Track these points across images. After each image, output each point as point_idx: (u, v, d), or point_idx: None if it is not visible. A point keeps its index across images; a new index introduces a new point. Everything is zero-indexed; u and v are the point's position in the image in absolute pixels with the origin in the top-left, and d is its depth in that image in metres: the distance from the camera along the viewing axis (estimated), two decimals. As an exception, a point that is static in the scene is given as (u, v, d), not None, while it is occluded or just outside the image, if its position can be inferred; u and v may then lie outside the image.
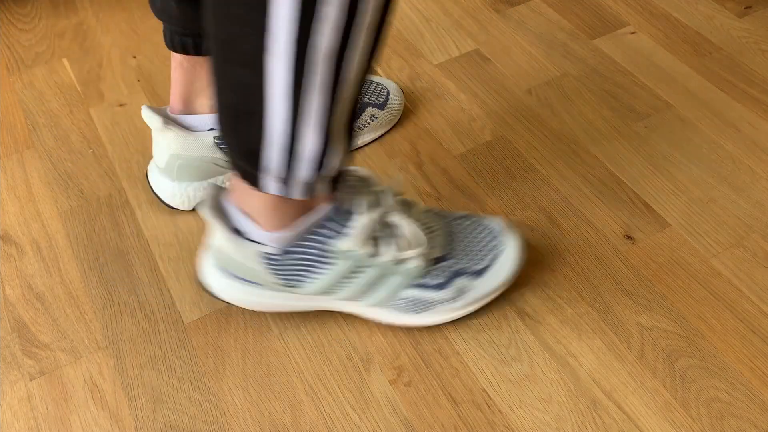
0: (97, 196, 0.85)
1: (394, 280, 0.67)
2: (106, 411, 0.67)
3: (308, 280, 0.66)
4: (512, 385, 0.67)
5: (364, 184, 0.66)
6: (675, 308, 0.71)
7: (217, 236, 0.65)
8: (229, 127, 0.59)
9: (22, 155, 0.90)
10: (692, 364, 0.67)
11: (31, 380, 0.69)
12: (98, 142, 0.91)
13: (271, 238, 0.64)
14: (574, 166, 0.85)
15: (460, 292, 0.68)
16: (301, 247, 0.64)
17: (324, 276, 0.66)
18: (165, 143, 0.77)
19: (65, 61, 1.02)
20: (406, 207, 0.69)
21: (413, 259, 0.66)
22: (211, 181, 0.80)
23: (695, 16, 1.02)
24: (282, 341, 0.71)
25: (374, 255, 0.65)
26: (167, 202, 0.81)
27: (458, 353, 0.69)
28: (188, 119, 0.77)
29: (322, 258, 0.65)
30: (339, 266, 0.65)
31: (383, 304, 0.68)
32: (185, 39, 0.73)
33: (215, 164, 0.79)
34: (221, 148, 0.77)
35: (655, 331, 0.69)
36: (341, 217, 0.64)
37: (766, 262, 0.74)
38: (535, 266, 0.75)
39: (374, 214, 0.64)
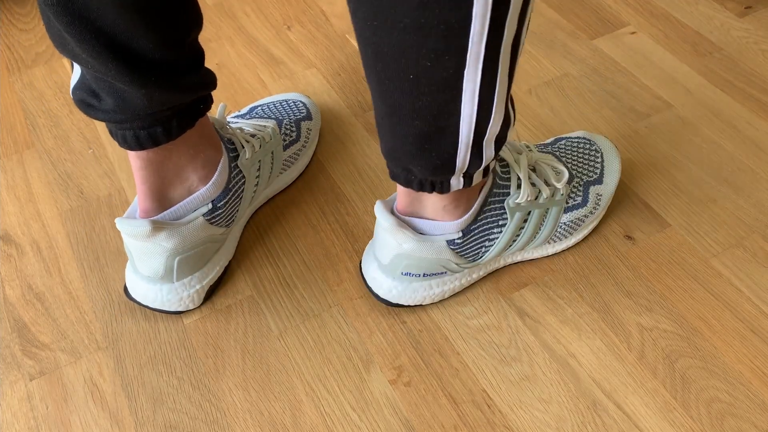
0: (97, 196, 0.85)
1: (554, 212, 0.72)
2: (106, 411, 0.67)
3: (489, 246, 0.70)
4: (512, 385, 0.67)
5: None
6: (675, 308, 0.71)
7: (406, 243, 0.66)
8: (415, 154, 0.57)
9: (22, 155, 0.90)
10: (692, 364, 0.67)
11: (31, 380, 0.69)
12: (98, 142, 0.91)
13: (454, 227, 0.67)
14: (574, 166, 0.85)
15: (597, 199, 0.75)
16: (480, 220, 0.68)
17: (502, 236, 0.70)
18: (157, 247, 0.67)
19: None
20: (527, 148, 0.74)
21: (562, 187, 0.72)
22: (212, 262, 0.73)
23: (695, 16, 1.02)
24: (282, 341, 0.71)
25: (537, 197, 0.70)
26: (173, 309, 0.72)
27: (458, 353, 0.69)
28: (169, 213, 0.68)
29: (498, 221, 0.69)
30: (513, 221, 0.70)
31: (547, 239, 0.74)
32: (154, 129, 0.62)
33: (211, 242, 0.71)
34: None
35: (655, 332, 0.69)
36: (502, 177, 0.69)
37: (766, 262, 0.74)
38: (535, 266, 0.75)
39: (524, 163, 0.70)
